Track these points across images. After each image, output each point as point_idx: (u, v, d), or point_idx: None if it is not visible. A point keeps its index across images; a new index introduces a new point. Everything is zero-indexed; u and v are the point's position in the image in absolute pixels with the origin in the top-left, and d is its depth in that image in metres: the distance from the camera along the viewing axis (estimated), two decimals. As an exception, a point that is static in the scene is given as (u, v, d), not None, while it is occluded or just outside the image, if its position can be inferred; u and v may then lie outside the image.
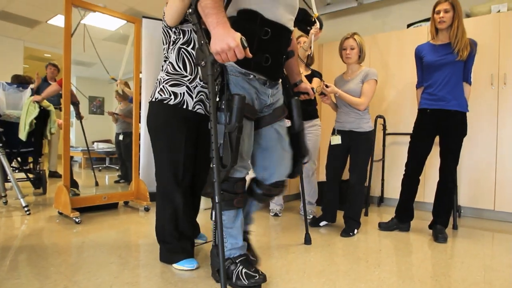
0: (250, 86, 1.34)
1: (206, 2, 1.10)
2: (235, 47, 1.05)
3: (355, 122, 2.43)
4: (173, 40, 1.57)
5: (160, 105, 1.55)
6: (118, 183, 4.45)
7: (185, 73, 1.57)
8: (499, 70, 3.06)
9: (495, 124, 3.07)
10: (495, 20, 3.09)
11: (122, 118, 4.28)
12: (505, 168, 3.01)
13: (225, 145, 1.22)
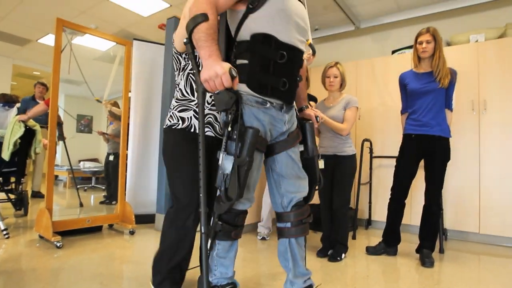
0: (266, 116, 1.30)
1: (199, 35, 1.10)
2: (222, 74, 1.05)
3: (339, 147, 2.49)
4: (182, 66, 1.58)
5: (170, 131, 1.56)
6: (103, 204, 4.35)
7: (192, 98, 1.56)
8: (479, 96, 3.18)
9: (477, 148, 3.15)
10: (474, 49, 3.24)
11: (112, 138, 4.24)
12: (488, 192, 3.08)
13: (232, 177, 1.18)
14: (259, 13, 1.23)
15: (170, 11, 4.16)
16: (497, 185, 3.04)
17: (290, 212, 1.39)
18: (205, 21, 1.10)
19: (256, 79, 1.25)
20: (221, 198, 1.23)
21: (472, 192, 3.15)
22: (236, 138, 1.19)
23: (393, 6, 3.91)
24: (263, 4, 1.23)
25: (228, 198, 1.20)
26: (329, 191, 2.55)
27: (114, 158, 4.12)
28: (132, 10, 4.20)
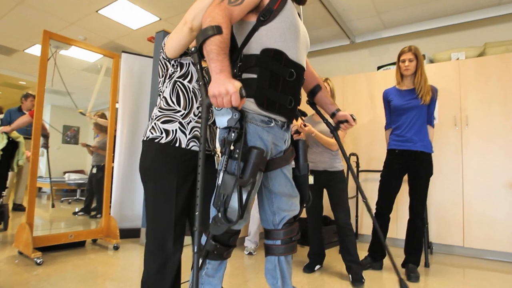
0: (269, 136, 1.26)
1: (211, 47, 1.06)
2: (233, 93, 1.01)
3: (329, 162, 2.47)
4: (170, 73, 1.47)
5: (151, 144, 1.42)
6: (77, 215, 4.25)
7: (178, 108, 1.45)
8: (461, 112, 3.27)
9: (460, 162, 3.23)
10: (455, 66, 3.35)
11: (95, 151, 4.19)
12: (471, 205, 3.13)
13: (233, 199, 1.12)
14: (270, 26, 1.21)
15: (160, 24, 4.18)
16: (480, 198, 3.11)
17: (281, 229, 1.36)
18: (219, 34, 1.07)
19: (264, 95, 1.22)
20: (219, 219, 1.16)
21: (456, 206, 3.21)
22: (239, 158, 1.14)
23: (380, 23, 4.02)
24: (275, 17, 1.21)
25: (228, 220, 1.13)
26: (319, 208, 2.54)
27: (98, 170, 4.06)
28: (122, 22, 4.20)
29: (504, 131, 3.07)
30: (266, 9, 1.20)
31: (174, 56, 1.41)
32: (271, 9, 1.20)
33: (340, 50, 4.63)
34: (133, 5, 3.76)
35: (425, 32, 3.95)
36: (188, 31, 1.28)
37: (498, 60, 3.17)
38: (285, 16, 1.23)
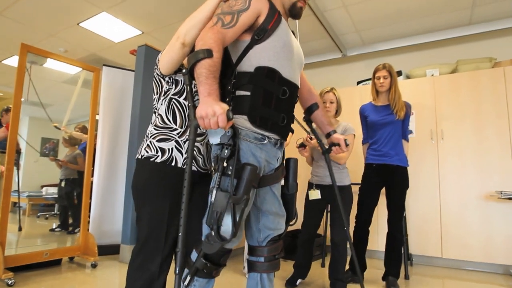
0: (262, 153, 1.25)
1: (201, 71, 1.07)
2: (220, 114, 1.01)
3: (336, 176, 2.32)
4: (165, 90, 1.44)
5: (146, 163, 1.38)
6: (54, 232, 4.12)
7: (175, 126, 1.41)
8: (436, 126, 3.39)
9: (437, 175, 3.32)
10: (430, 82, 3.48)
11: (64, 164, 4.11)
12: (449, 217, 3.22)
13: (226, 216, 1.11)
14: (264, 45, 1.23)
15: (142, 37, 4.18)
16: (456, 210, 3.20)
17: (265, 247, 1.34)
18: (209, 58, 1.07)
19: (257, 112, 1.22)
20: (212, 238, 1.13)
21: (434, 218, 3.29)
22: (232, 174, 1.13)
23: (359, 39, 4.15)
24: (269, 37, 1.23)
25: (222, 238, 1.12)
26: (318, 222, 2.47)
27: (66, 184, 3.99)
28: (103, 35, 4.18)
29: (477, 145, 3.20)
30: (261, 28, 1.22)
31: (168, 72, 1.39)
32: (266, 28, 1.22)
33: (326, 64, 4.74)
34: (115, 19, 3.76)
35: (402, 49, 4.10)
36: (180, 47, 1.27)
37: (469, 77, 3.32)
38: (279, 36, 1.25)
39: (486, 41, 3.74)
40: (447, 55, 3.89)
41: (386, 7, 3.41)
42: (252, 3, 1.19)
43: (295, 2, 1.35)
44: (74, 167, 4.11)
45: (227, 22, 1.16)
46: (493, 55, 3.47)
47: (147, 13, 3.66)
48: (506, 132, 3.10)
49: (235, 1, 1.20)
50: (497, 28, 3.51)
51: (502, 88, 3.16)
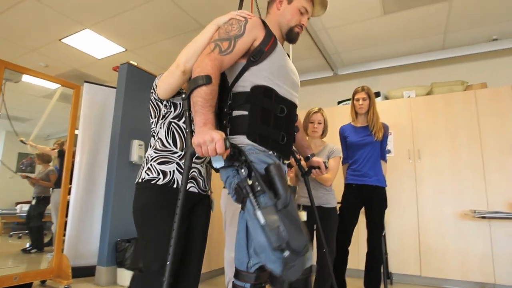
0: (272, 160, 1.21)
1: (197, 99, 1.06)
2: (218, 140, 0.99)
3: (324, 198, 2.34)
4: (163, 114, 1.45)
5: (147, 186, 1.38)
6: (27, 252, 3.95)
7: (175, 149, 1.42)
8: (414, 146, 3.49)
9: (415, 194, 3.40)
10: (407, 103, 3.61)
11: (36, 182, 4.00)
12: (427, 235, 3.28)
13: (287, 225, 1.00)
14: (260, 67, 1.23)
15: (126, 54, 4.18)
16: (434, 228, 3.26)
17: (253, 273, 1.28)
18: (206, 85, 1.07)
19: (257, 131, 1.20)
20: (290, 258, 1.00)
21: (413, 236, 3.34)
22: (261, 187, 1.05)
23: (340, 61, 4.28)
24: (265, 59, 1.23)
25: (295, 251, 0.99)
26: None
27: (36, 202, 3.87)
28: (86, 52, 4.16)
29: (452, 165, 3.30)
30: (257, 50, 1.22)
31: (166, 97, 1.40)
32: (262, 50, 1.23)
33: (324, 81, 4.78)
34: (98, 36, 3.75)
35: (380, 71, 4.24)
36: (180, 74, 1.28)
37: (443, 99, 3.46)
38: (274, 58, 1.25)
39: (459, 65, 3.92)
40: (423, 77, 4.05)
41: (365, 31, 3.55)
42: (247, 28, 1.21)
43: (293, 27, 1.36)
44: (46, 185, 3.99)
45: (225, 49, 1.16)
46: (465, 78, 3.64)
47: (131, 31, 3.67)
48: (478, 153, 3.22)
49: (231, 26, 1.21)
50: (468, 53, 3.69)
51: (473, 111, 3.30)
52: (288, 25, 1.35)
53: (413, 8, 3.14)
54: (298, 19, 1.36)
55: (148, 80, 3.52)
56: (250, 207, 1.06)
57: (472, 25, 3.41)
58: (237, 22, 1.22)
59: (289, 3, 1.35)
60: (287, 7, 1.35)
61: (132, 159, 3.26)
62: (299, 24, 1.37)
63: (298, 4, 1.35)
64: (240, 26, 1.21)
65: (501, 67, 3.71)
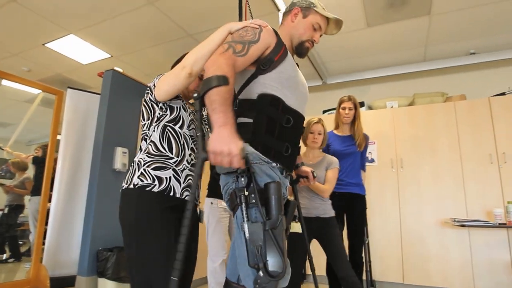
0: (275, 174, 1.16)
1: (215, 98, 0.99)
2: (235, 155, 0.93)
3: (321, 208, 2.29)
4: (157, 116, 1.37)
5: (142, 193, 1.27)
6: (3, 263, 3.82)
7: (171, 155, 1.34)
8: (396, 155, 3.56)
9: (398, 202, 3.46)
10: (390, 113, 3.69)
11: (10, 190, 3.89)
12: (409, 243, 3.33)
13: (269, 247, 0.97)
14: (269, 75, 1.20)
15: (111, 61, 4.15)
16: (416, 236, 3.32)
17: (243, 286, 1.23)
18: (225, 85, 1.00)
19: (260, 140, 1.16)
20: (263, 279, 0.97)
21: (395, 244, 3.39)
22: (256, 201, 1.02)
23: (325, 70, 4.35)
24: (275, 68, 1.20)
25: (273, 275, 0.96)
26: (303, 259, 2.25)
27: (9, 211, 3.76)
28: (70, 57, 4.10)
29: (433, 174, 3.38)
30: (267, 58, 1.20)
31: (165, 99, 1.34)
32: (272, 59, 1.20)
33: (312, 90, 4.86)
34: (83, 42, 3.71)
35: (364, 81, 4.34)
36: (186, 76, 1.24)
37: (424, 109, 3.55)
38: (284, 68, 1.23)
39: (439, 77, 4.05)
40: (406, 88, 4.16)
41: (349, 43, 3.63)
42: (262, 35, 1.19)
43: (304, 42, 1.35)
44: (21, 193, 3.89)
45: (239, 50, 1.12)
46: (445, 90, 3.75)
47: (116, 37, 3.65)
48: (457, 162, 3.31)
49: (245, 32, 1.19)
50: (448, 65, 3.82)
51: (453, 122, 3.40)
52: (299, 38, 1.34)
53: (395, 21, 3.24)
54: (311, 35, 1.35)
55: (133, 87, 3.50)
56: (239, 217, 1.04)
57: (451, 39, 3.53)
58: (252, 30, 1.20)
59: (304, 17, 1.34)
60: (301, 20, 1.34)
61: (115, 166, 3.21)
62: (310, 40, 1.36)
63: (313, 20, 1.34)
64: (255, 33, 1.18)
65: (479, 80, 3.85)
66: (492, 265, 3.03)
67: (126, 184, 1.33)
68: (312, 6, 1.35)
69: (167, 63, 4.51)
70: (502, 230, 3.05)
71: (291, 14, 1.36)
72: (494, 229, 3.05)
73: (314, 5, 1.35)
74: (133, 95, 3.51)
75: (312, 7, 1.34)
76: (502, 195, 3.11)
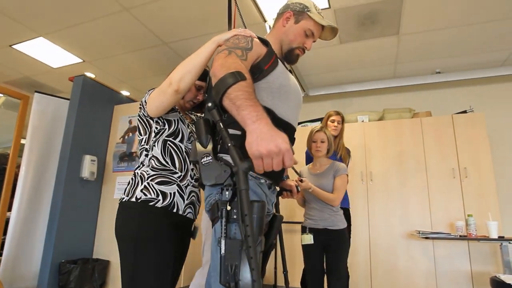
0: (262, 191, 1.11)
1: (236, 94, 0.88)
2: (286, 151, 0.82)
3: (330, 220, 2.22)
4: (155, 131, 1.34)
5: (145, 208, 1.22)
6: None
7: (174, 169, 1.30)
8: (366, 169, 3.66)
9: (367, 214, 3.55)
10: (361, 128, 3.81)
11: None
12: (377, 255, 3.41)
13: (244, 267, 0.92)
14: (259, 85, 1.12)
15: (83, 65, 4.04)
16: (384, 248, 3.41)
17: None
18: (243, 80, 0.90)
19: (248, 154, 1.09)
20: None
21: (364, 256, 3.46)
22: (238, 216, 0.94)
23: (303, 83, 4.44)
24: (264, 77, 1.13)
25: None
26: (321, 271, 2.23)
27: None
28: (40, 60, 3.96)
29: (401, 187, 3.50)
30: (256, 66, 1.12)
31: (157, 115, 1.31)
32: (261, 68, 1.13)
33: None
34: (53, 45, 3.60)
35: (338, 95, 4.46)
36: (173, 93, 1.19)
37: (393, 124, 3.69)
38: (274, 77, 1.15)
39: (408, 93, 4.23)
40: (376, 103, 4.31)
41: (323, 58, 3.74)
42: (254, 44, 1.13)
43: (294, 49, 1.27)
44: None
45: (240, 55, 1.05)
46: (413, 106, 3.92)
47: (89, 42, 3.57)
48: (423, 176, 3.45)
49: (238, 40, 1.12)
50: (415, 83, 4.01)
51: (419, 137, 3.55)
52: (289, 45, 1.26)
53: (366, 39, 3.38)
54: (302, 41, 1.27)
55: (104, 93, 3.43)
56: (218, 230, 0.99)
57: (418, 58, 3.72)
58: (244, 38, 1.14)
59: (296, 22, 1.26)
60: (293, 26, 1.26)
61: (83, 175, 3.10)
62: (301, 47, 1.27)
63: (305, 26, 1.25)
64: (247, 41, 1.13)
65: (443, 98, 4.06)
66: (454, 275, 3.16)
67: (127, 197, 1.27)
68: (306, 10, 1.26)
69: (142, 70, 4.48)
70: (463, 242, 3.18)
71: (283, 17, 1.28)
72: (456, 241, 3.18)
73: (308, 9, 1.26)
74: (104, 102, 3.43)
75: (306, 11, 1.26)
76: (463, 208, 3.26)
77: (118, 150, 3.34)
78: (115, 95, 3.56)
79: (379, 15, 2.99)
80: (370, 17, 3.01)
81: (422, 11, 2.91)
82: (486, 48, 3.47)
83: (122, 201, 1.29)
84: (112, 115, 3.48)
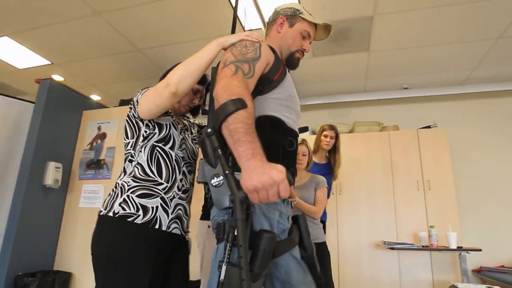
0: (275, 213, 1.04)
1: (236, 126, 0.85)
2: (281, 181, 0.80)
3: (313, 233, 2.22)
4: (143, 134, 1.22)
5: (122, 224, 1.11)
6: None
7: (160, 180, 1.19)
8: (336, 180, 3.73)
9: (336, 225, 3.62)
10: (332, 139, 3.89)
11: None
12: (345, 265, 3.48)
13: None
14: (268, 96, 1.10)
15: (51, 68, 3.89)
16: (352, 258, 3.48)
17: None
18: (243, 109, 0.87)
19: None
20: None
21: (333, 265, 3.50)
22: (244, 244, 0.87)
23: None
24: (274, 88, 1.11)
25: None
26: None
27: None
28: (4, 60, 3.78)
29: (368, 199, 3.61)
30: (265, 77, 1.09)
31: (149, 118, 1.21)
32: (271, 79, 1.10)
33: None
34: (19, 46, 3.45)
35: (311, 106, 4.55)
36: (170, 96, 1.10)
37: (363, 137, 3.81)
38: (284, 88, 1.14)
39: (377, 107, 4.39)
40: (346, 116, 4.44)
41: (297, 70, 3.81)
42: (262, 51, 1.09)
43: (294, 52, 1.26)
44: None
45: (247, 72, 1.01)
46: (381, 120, 4.07)
47: (57, 45, 3.45)
48: (390, 188, 3.58)
49: (246, 49, 1.08)
50: (384, 97, 4.17)
51: (387, 150, 3.69)
52: (289, 49, 1.25)
53: (337, 54, 3.49)
54: (300, 44, 1.26)
55: (73, 98, 3.31)
56: (221, 251, 0.94)
57: (387, 74, 3.88)
58: (251, 44, 1.09)
59: (291, 26, 1.26)
60: (288, 30, 1.26)
61: (46, 182, 2.97)
62: (300, 49, 1.27)
63: (300, 28, 1.26)
64: (255, 48, 1.08)
65: (410, 113, 4.25)
66: (417, 284, 3.27)
67: (105, 210, 1.16)
68: (298, 13, 1.27)
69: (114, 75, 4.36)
70: (425, 252, 3.31)
71: (276, 24, 1.28)
72: (419, 251, 3.30)
73: (300, 12, 1.27)
74: (72, 107, 3.32)
75: (298, 14, 1.26)
76: (426, 219, 3.41)
77: (86, 157, 3.23)
78: (84, 100, 3.45)
79: (351, 32, 3.10)
80: (343, 33, 3.11)
81: (390, 31, 3.05)
82: (449, 68, 3.68)
83: (100, 214, 1.18)
84: (81, 120, 3.37)
